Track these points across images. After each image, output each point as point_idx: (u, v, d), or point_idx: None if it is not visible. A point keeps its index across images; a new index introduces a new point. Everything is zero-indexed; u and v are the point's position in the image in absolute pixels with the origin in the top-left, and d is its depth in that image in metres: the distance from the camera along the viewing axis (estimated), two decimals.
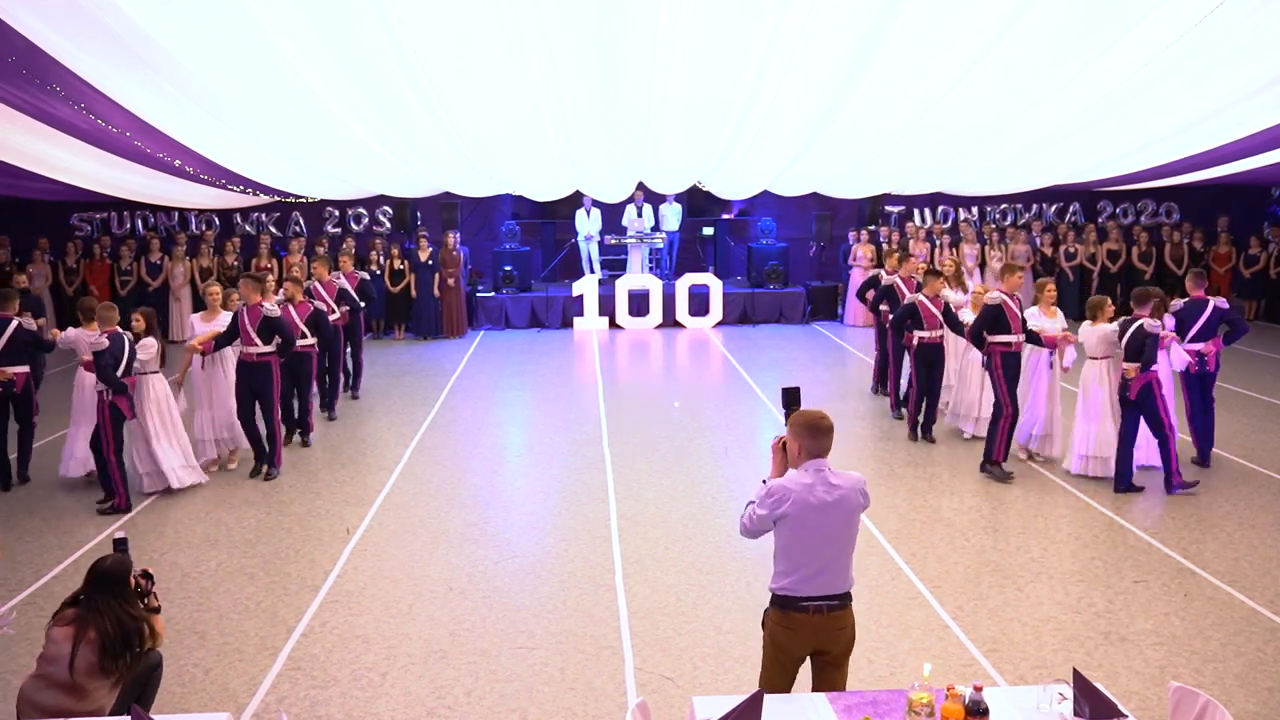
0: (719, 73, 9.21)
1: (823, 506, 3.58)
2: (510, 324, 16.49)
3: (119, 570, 4.08)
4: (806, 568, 3.61)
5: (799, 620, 3.64)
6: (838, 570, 3.64)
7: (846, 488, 3.62)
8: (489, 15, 7.80)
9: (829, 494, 3.59)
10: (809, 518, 3.57)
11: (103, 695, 3.91)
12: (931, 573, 6.24)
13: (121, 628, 3.94)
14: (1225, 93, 9.52)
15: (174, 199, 15.28)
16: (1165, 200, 18.41)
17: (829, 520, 3.59)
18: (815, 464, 3.64)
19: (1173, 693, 3.37)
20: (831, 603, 3.64)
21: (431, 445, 9.36)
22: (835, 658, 3.73)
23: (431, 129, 10.84)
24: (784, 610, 3.67)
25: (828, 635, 3.67)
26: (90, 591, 4.00)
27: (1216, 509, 7.36)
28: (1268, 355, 13.43)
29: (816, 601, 3.63)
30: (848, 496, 3.61)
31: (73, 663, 3.83)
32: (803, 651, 3.72)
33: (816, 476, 3.62)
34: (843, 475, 3.67)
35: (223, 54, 8.40)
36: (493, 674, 5.04)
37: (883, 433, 9.58)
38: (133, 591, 4.08)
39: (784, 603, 3.67)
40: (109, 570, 4.06)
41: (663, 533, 6.98)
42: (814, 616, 3.63)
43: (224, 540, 6.93)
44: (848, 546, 3.66)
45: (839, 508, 3.60)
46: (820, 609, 3.63)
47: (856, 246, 16.57)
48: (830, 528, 3.60)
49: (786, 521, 3.60)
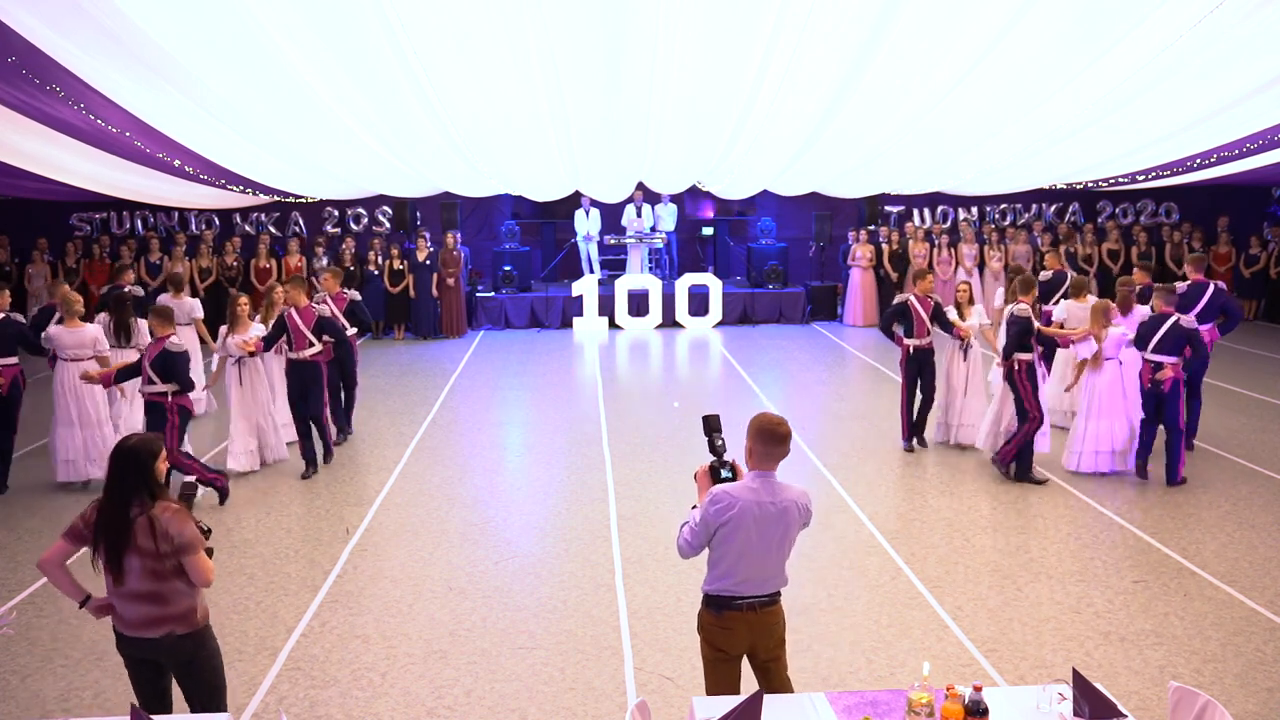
0: (719, 73, 9.22)
1: (766, 516, 3.62)
2: (510, 324, 16.49)
3: (153, 446, 3.58)
4: (745, 571, 3.66)
5: (734, 618, 3.72)
6: (775, 572, 3.71)
7: (788, 500, 3.66)
8: (489, 15, 7.80)
9: (774, 505, 3.63)
10: (752, 525, 3.61)
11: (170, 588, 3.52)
12: (931, 573, 6.24)
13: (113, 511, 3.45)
14: (1225, 93, 9.53)
15: (174, 199, 15.28)
16: (1165, 200, 18.41)
17: (771, 530, 3.63)
18: (763, 474, 3.67)
19: (1172, 693, 3.37)
20: (763, 600, 3.72)
21: (431, 445, 9.36)
22: (771, 652, 3.80)
23: (431, 129, 10.84)
24: (719, 611, 3.73)
25: (761, 631, 3.74)
26: (109, 486, 3.52)
27: (1216, 509, 7.36)
28: (1268, 355, 13.43)
29: (749, 599, 3.70)
30: (789, 510, 3.65)
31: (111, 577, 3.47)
32: (738, 650, 3.77)
33: (764, 486, 3.65)
34: (787, 487, 3.70)
35: (222, 54, 8.40)
36: (493, 674, 5.04)
37: (881, 433, 9.58)
38: (155, 478, 3.55)
39: (718, 603, 3.73)
40: (126, 449, 3.52)
41: (663, 533, 6.97)
42: (747, 614, 3.71)
43: (224, 540, 6.92)
44: (784, 552, 3.72)
45: (781, 519, 3.64)
46: (753, 606, 3.71)
47: (856, 246, 16.58)
48: (771, 536, 3.64)
49: (729, 528, 3.62)
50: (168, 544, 3.48)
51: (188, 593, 3.60)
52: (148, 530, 3.47)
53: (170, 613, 3.57)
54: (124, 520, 3.48)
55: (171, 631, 3.59)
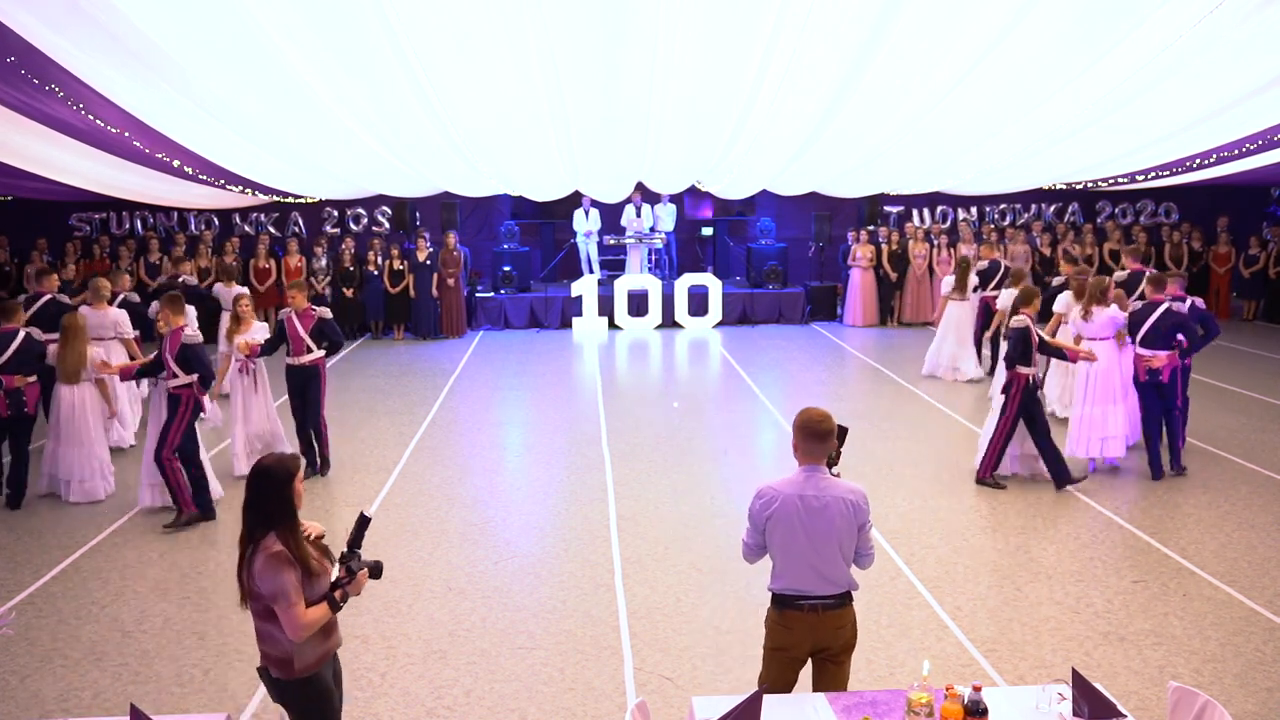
0: (719, 72, 9.22)
1: (809, 510, 3.62)
2: (509, 324, 16.49)
3: (277, 471, 3.24)
4: (798, 568, 3.65)
5: (795, 619, 3.68)
6: (831, 571, 3.66)
7: (833, 496, 3.64)
8: (489, 14, 7.80)
9: (817, 500, 3.63)
10: (795, 520, 3.62)
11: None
12: (931, 573, 6.24)
13: None
14: (1225, 93, 9.54)
15: (173, 199, 15.28)
16: (1165, 200, 18.42)
17: (816, 524, 3.62)
18: (810, 469, 3.68)
19: (1172, 693, 3.37)
20: (828, 601, 3.66)
21: (431, 445, 9.35)
22: (835, 655, 3.75)
23: (431, 129, 10.84)
24: (781, 609, 3.72)
25: (825, 634, 3.69)
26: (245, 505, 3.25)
27: (1216, 509, 7.36)
28: (1268, 355, 13.43)
29: (812, 600, 3.66)
30: (832, 505, 3.63)
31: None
32: (801, 651, 3.73)
33: (808, 481, 3.66)
34: (836, 484, 3.68)
35: (221, 53, 8.40)
36: (492, 674, 5.03)
37: (882, 433, 9.58)
38: (292, 509, 3.23)
39: (781, 602, 3.71)
40: (263, 469, 3.24)
41: (662, 533, 6.98)
42: (809, 615, 3.66)
43: (223, 540, 6.92)
44: (840, 550, 3.67)
45: (824, 514, 3.62)
46: (816, 608, 3.66)
47: (856, 247, 16.57)
48: (818, 532, 3.62)
49: (775, 522, 3.65)
50: (255, 586, 3.21)
51: (283, 639, 3.24)
52: (249, 564, 3.22)
53: (269, 652, 3.32)
54: (244, 546, 3.26)
55: (268, 669, 3.36)
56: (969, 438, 9.37)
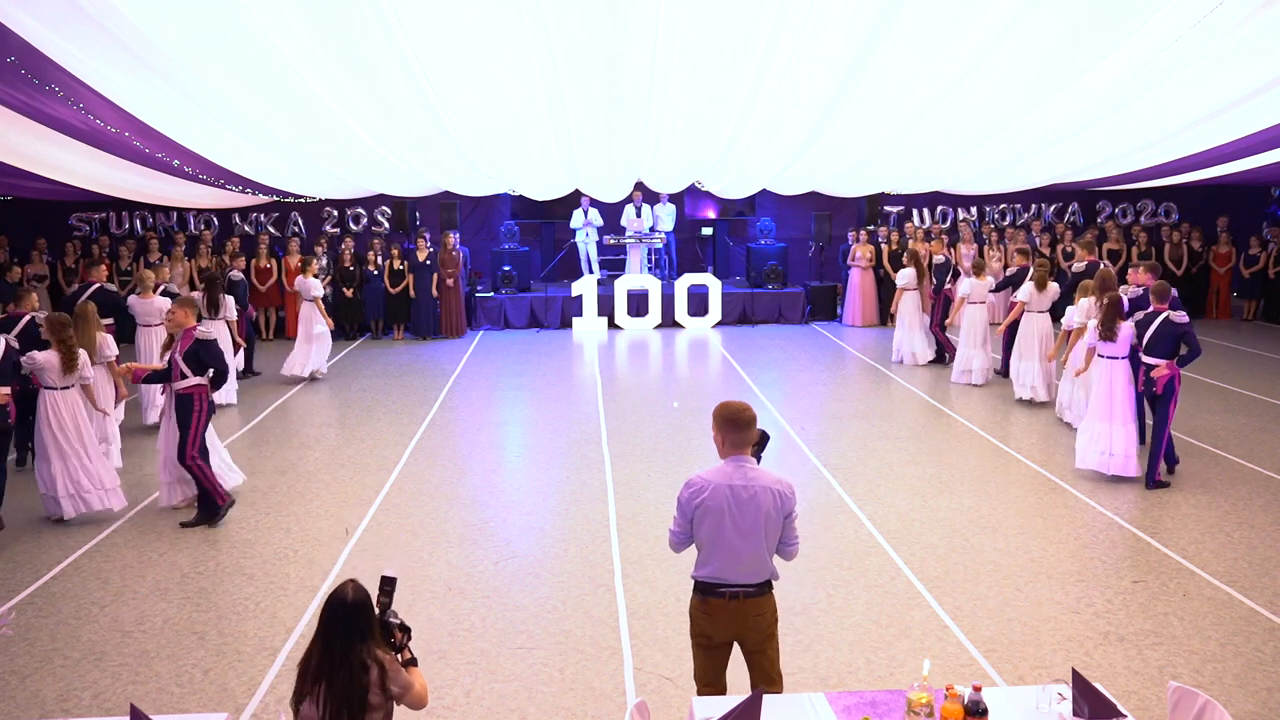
0: (719, 72, 9.22)
1: (738, 500, 3.68)
2: (509, 324, 16.49)
3: (364, 604, 3.22)
4: (723, 556, 3.72)
5: (717, 606, 3.77)
6: (755, 560, 3.73)
7: (761, 486, 3.70)
8: (489, 14, 7.80)
9: (745, 489, 3.69)
10: (724, 509, 3.68)
11: None
12: (931, 573, 6.24)
13: (352, 686, 3.12)
14: (1225, 93, 9.53)
15: (173, 199, 15.28)
16: (1165, 200, 18.42)
17: (743, 514, 3.68)
18: (737, 459, 3.75)
19: (1172, 693, 3.37)
20: (749, 590, 3.75)
21: (431, 445, 9.35)
22: (759, 643, 3.82)
23: (431, 128, 10.84)
24: (704, 596, 3.81)
25: (746, 621, 3.77)
26: (329, 637, 3.17)
27: (1216, 509, 7.36)
28: (1268, 355, 13.43)
29: (734, 588, 3.74)
30: (760, 494, 3.69)
31: None
32: (723, 637, 3.82)
33: (736, 470, 3.73)
34: (763, 474, 3.75)
35: (221, 53, 8.39)
36: (492, 674, 5.03)
37: (881, 433, 9.58)
38: (378, 629, 3.27)
39: (704, 589, 3.80)
40: (353, 605, 3.18)
41: (662, 533, 6.97)
42: (731, 603, 3.75)
43: (223, 540, 6.92)
44: (765, 540, 3.73)
45: (752, 504, 3.69)
46: (738, 595, 3.75)
47: (855, 247, 16.58)
48: (744, 522, 3.69)
49: (704, 511, 3.71)
50: (396, 690, 3.23)
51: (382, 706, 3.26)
52: (379, 685, 3.17)
53: None
54: (354, 676, 3.15)
55: None
56: (969, 438, 9.37)
